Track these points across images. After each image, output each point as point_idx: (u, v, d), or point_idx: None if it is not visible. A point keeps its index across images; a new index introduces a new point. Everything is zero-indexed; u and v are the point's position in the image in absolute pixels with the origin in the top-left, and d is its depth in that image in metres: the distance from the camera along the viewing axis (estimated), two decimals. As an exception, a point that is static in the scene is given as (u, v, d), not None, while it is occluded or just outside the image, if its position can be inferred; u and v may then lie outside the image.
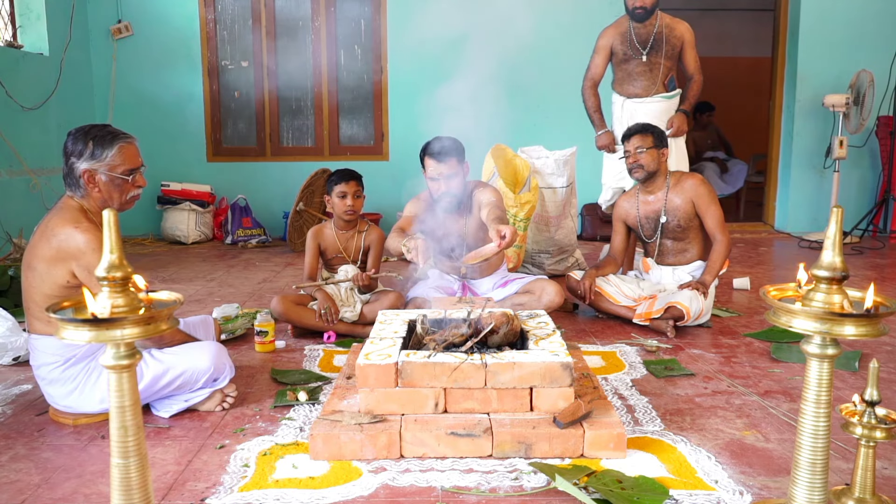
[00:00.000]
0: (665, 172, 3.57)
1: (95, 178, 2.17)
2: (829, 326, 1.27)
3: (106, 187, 2.19)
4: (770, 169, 7.11)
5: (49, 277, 2.11)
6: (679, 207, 3.49)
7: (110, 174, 2.18)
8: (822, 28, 6.49)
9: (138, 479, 1.22)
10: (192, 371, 2.23)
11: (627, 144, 3.53)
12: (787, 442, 2.08)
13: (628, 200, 3.70)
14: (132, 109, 6.54)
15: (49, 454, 2.04)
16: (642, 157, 3.47)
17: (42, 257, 2.11)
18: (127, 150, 2.21)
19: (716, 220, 3.44)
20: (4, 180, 5.15)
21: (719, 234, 3.43)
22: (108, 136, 2.18)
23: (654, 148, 3.48)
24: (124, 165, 2.20)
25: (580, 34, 5.78)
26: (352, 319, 3.26)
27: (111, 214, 1.18)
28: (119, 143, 2.19)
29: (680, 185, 3.52)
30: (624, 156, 3.59)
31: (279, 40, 6.72)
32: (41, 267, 2.11)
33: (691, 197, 3.47)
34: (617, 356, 2.95)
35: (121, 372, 1.18)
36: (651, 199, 3.58)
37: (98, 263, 2.01)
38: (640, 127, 3.56)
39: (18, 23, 5.76)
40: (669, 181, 3.54)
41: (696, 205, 3.47)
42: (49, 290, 2.12)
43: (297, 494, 1.77)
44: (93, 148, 2.15)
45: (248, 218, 6.43)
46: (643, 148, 3.47)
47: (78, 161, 2.15)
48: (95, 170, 2.16)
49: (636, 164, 3.49)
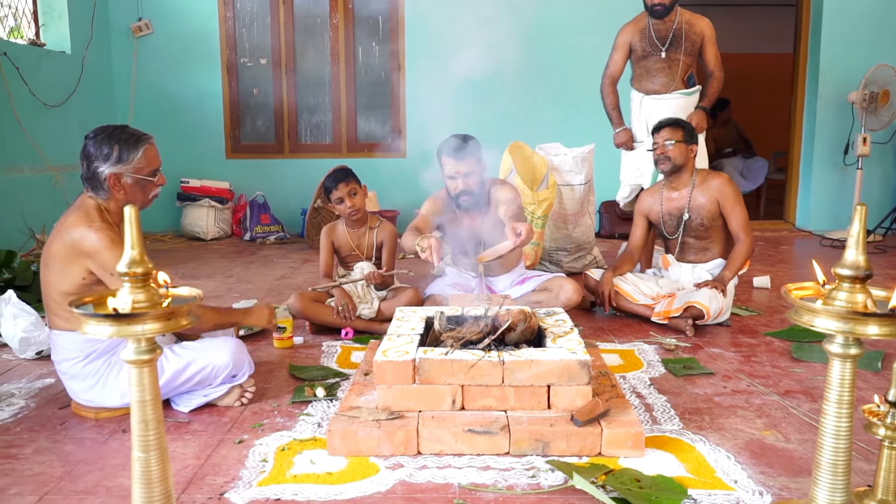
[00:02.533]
0: (692, 169, 3.53)
1: (121, 181, 2.19)
2: (853, 326, 1.26)
3: (131, 189, 2.21)
4: (791, 166, 7.03)
5: (66, 275, 2.13)
6: (703, 206, 3.46)
7: (136, 176, 2.20)
8: (845, 23, 6.40)
9: (159, 473, 1.23)
10: (213, 367, 2.25)
11: (657, 136, 3.50)
12: (808, 442, 2.06)
13: (652, 195, 3.66)
14: (152, 107, 6.60)
15: (71, 447, 2.06)
16: (671, 149, 3.44)
17: (57, 255, 2.13)
18: (151, 152, 2.24)
19: (740, 221, 3.41)
20: (27, 177, 5.22)
21: (743, 234, 3.40)
22: (132, 138, 2.20)
23: (684, 142, 3.45)
24: (149, 167, 2.23)
25: (599, 31, 5.75)
26: (369, 316, 3.27)
27: (132, 210, 1.19)
28: (143, 145, 2.21)
29: (706, 183, 3.48)
30: (652, 147, 3.55)
31: (297, 38, 6.75)
32: (57, 265, 2.14)
33: (717, 196, 3.43)
34: (635, 354, 2.93)
35: (141, 367, 1.20)
36: (675, 195, 3.54)
37: (113, 261, 2.06)
38: (672, 120, 3.55)
39: (41, 21, 5.83)
40: (696, 179, 3.51)
41: (721, 205, 3.43)
42: (67, 288, 2.14)
43: (315, 490, 1.78)
44: (119, 152, 2.16)
45: (267, 215, 6.47)
46: (672, 141, 3.44)
47: (103, 165, 2.16)
48: (122, 173, 2.18)
49: (663, 156, 3.46)
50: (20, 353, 2.91)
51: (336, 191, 3.31)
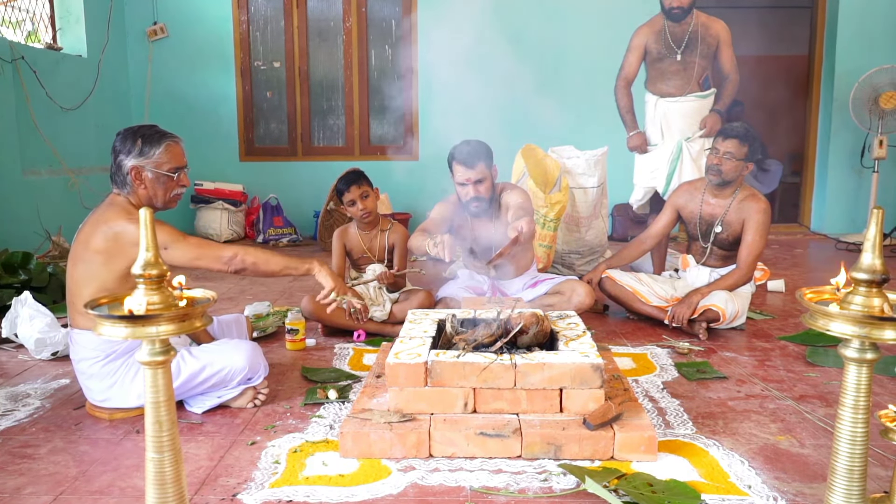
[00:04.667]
0: (739, 184, 3.39)
1: (142, 174, 2.23)
2: (869, 330, 1.24)
3: (151, 184, 2.25)
4: (806, 169, 6.98)
5: (106, 270, 2.16)
6: (733, 223, 3.36)
7: (156, 171, 2.25)
8: (861, 24, 6.35)
9: (172, 474, 1.24)
10: (229, 370, 2.26)
11: (721, 144, 3.32)
12: (823, 448, 2.04)
13: (692, 193, 3.52)
14: (167, 110, 6.65)
15: (86, 447, 2.08)
16: (727, 162, 3.29)
17: (97, 250, 2.16)
18: (173, 149, 2.28)
19: (750, 250, 3.28)
20: (44, 179, 5.27)
21: (745, 264, 3.29)
22: (155, 134, 2.26)
23: (743, 161, 3.29)
24: (170, 164, 2.27)
25: (613, 33, 5.73)
26: (381, 318, 3.27)
27: (147, 213, 1.20)
28: (166, 141, 2.27)
29: (745, 202, 3.34)
30: (710, 149, 3.41)
31: (311, 41, 6.79)
32: (98, 259, 2.16)
33: (745, 218, 3.31)
34: (648, 358, 2.92)
35: (156, 368, 1.20)
36: (714, 201, 3.42)
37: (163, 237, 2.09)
38: (742, 133, 3.30)
39: (58, 25, 5.89)
40: (738, 194, 3.37)
41: (744, 227, 3.31)
42: (106, 284, 2.15)
43: (327, 492, 1.78)
44: (141, 145, 2.23)
45: (280, 217, 6.51)
46: (733, 156, 3.28)
47: (126, 158, 2.22)
48: (143, 166, 2.23)
49: (716, 168, 3.31)
50: (36, 354, 2.93)
51: (348, 193, 3.32)
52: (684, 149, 4.15)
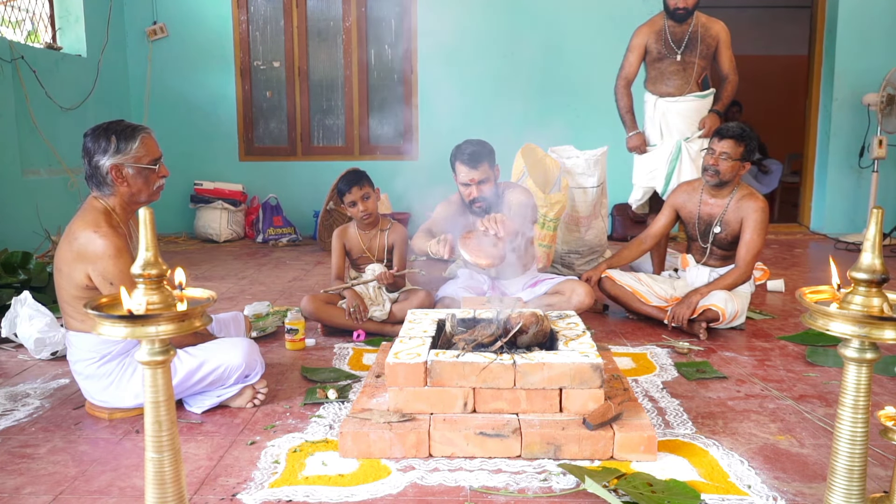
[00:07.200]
0: (736, 184, 3.39)
1: (123, 172, 2.19)
2: (868, 330, 1.24)
3: (134, 180, 2.21)
4: (806, 169, 6.98)
5: (72, 279, 2.15)
6: (731, 223, 3.36)
7: (137, 166, 2.20)
8: (861, 24, 6.35)
9: (172, 474, 1.24)
10: (226, 367, 2.26)
11: (718, 144, 3.31)
12: (823, 447, 2.04)
13: (690, 193, 3.52)
14: (167, 110, 6.65)
15: (85, 447, 2.08)
16: (723, 163, 3.28)
17: (64, 259, 2.15)
18: (148, 141, 2.24)
19: (749, 248, 3.28)
20: (44, 179, 5.27)
21: (744, 262, 3.28)
22: (128, 129, 2.21)
23: (739, 160, 3.29)
24: (148, 156, 2.23)
25: (612, 33, 5.74)
26: (381, 318, 3.27)
27: (147, 213, 1.19)
28: (140, 134, 2.22)
29: (743, 202, 3.33)
30: (706, 150, 3.41)
31: (311, 41, 6.78)
32: (65, 269, 2.16)
33: (743, 217, 3.31)
34: (647, 358, 2.92)
35: (155, 368, 1.20)
36: (712, 201, 3.42)
37: (113, 270, 2.07)
38: (738, 133, 3.29)
39: (58, 25, 5.89)
40: (735, 193, 3.37)
41: (742, 225, 3.31)
42: (75, 292, 2.16)
43: (327, 491, 1.78)
44: (117, 142, 2.17)
45: (279, 217, 6.50)
46: (729, 156, 3.28)
47: (103, 157, 2.17)
48: (122, 164, 2.18)
49: (714, 168, 3.30)
50: (35, 354, 2.93)
51: (349, 194, 3.31)
52: (683, 149, 4.15)
